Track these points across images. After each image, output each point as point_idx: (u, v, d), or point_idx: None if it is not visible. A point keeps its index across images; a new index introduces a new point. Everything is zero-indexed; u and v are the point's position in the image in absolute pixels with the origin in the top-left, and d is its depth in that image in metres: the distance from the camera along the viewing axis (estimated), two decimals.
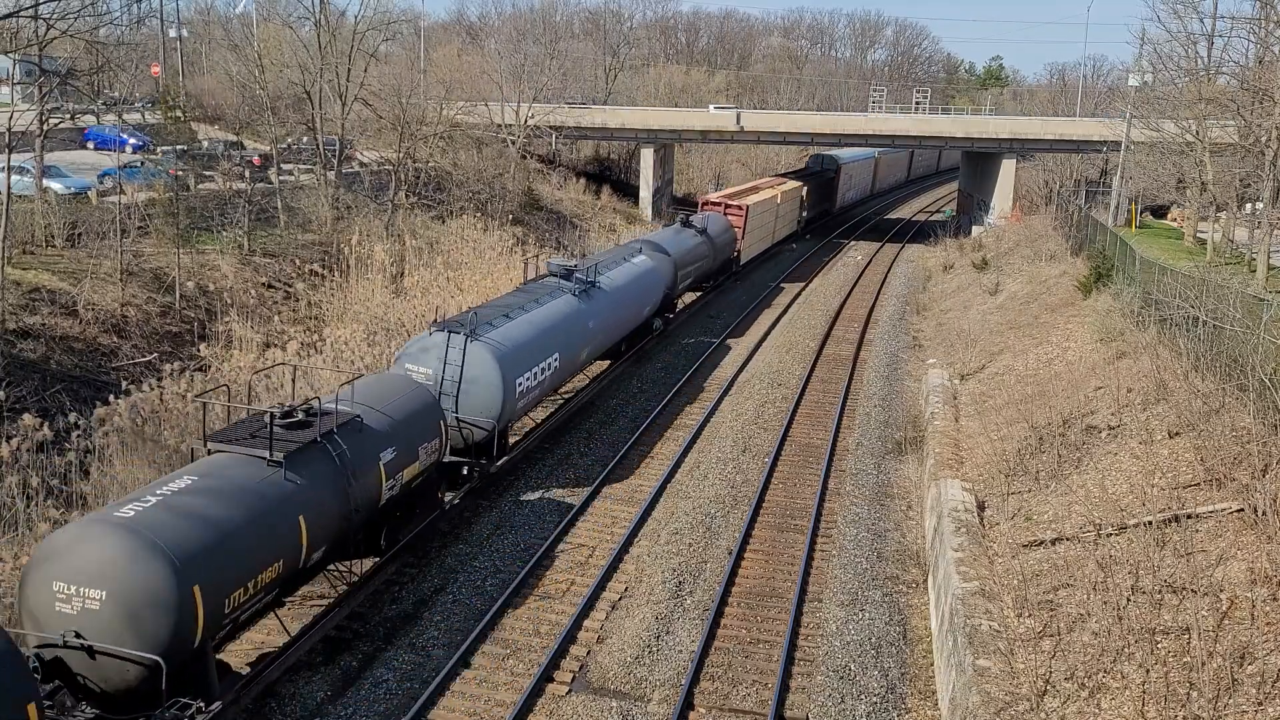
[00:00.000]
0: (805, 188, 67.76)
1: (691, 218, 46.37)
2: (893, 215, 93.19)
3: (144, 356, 27.04)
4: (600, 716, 15.88)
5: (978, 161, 72.40)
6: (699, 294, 47.43)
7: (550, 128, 65.40)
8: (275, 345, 29.53)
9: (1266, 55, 36.74)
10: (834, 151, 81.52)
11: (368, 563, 19.20)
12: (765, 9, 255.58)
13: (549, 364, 25.70)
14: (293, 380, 21.94)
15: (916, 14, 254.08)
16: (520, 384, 23.87)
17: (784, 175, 75.04)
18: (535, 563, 20.55)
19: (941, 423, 26.78)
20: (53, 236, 31.06)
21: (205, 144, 47.46)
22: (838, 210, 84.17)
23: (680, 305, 44.40)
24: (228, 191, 39.07)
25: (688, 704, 16.24)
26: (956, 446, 24.82)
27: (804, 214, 68.83)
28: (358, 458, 17.16)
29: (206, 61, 77.31)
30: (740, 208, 51.84)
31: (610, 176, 78.10)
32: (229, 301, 31.47)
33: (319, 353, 29.30)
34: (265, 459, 15.59)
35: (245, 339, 29.59)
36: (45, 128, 33.95)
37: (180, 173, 39.23)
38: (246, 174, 39.31)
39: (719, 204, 52.19)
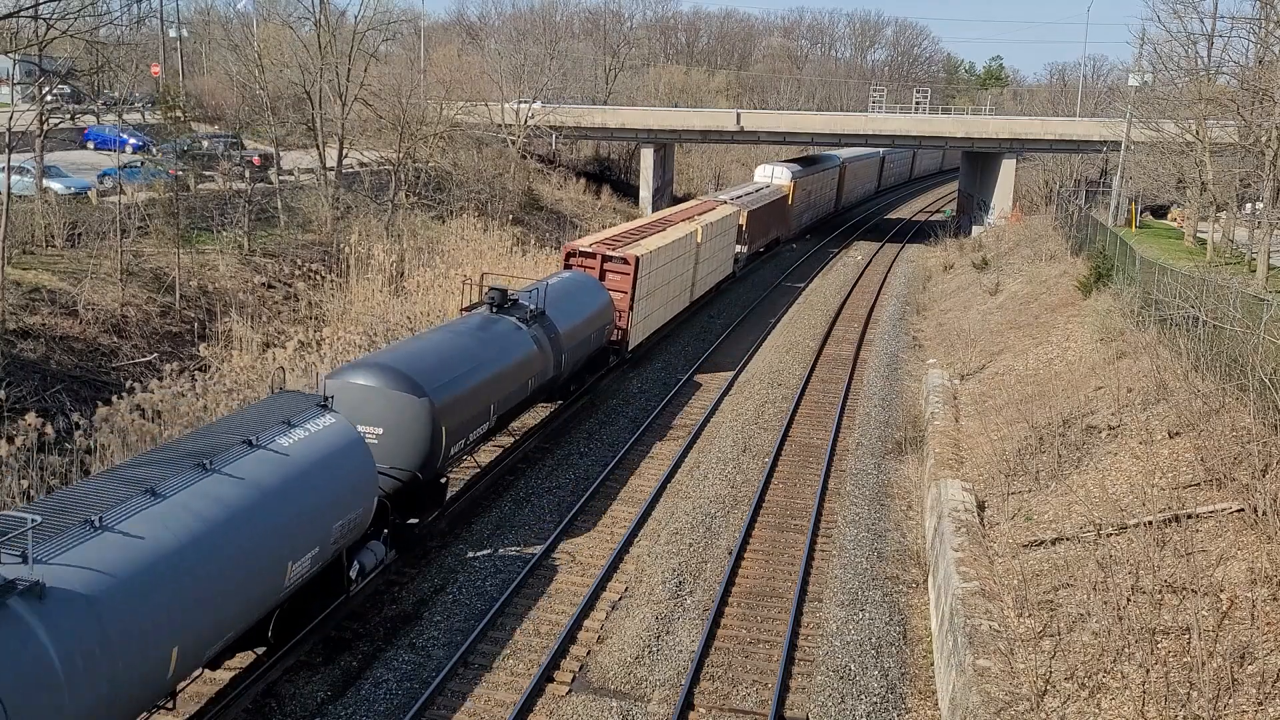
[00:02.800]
0: (746, 212, 51.30)
1: (536, 287, 27.58)
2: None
3: (144, 356, 27.04)
4: (600, 716, 15.88)
5: (978, 161, 72.39)
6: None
7: (550, 128, 65.38)
8: (275, 345, 29.51)
9: (1266, 55, 36.76)
10: (831, 151, 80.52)
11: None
12: (765, 9, 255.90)
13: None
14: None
15: (916, 14, 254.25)
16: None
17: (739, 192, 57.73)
18: (535, 562, 20.55)
19: (941, 423, 26.78)
20: (53, 236, 31.06)
21: (205, 144, 47.44)
22: (836, 212, 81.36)
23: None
24: (228, 191, 39.07)
25: (688, 704, 16.24)
26: (956, 446, 24.82)
27: (748, 244, 52.28)
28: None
29: (206, 61, 77.33)
30: (626, 261, 33.04)
31: (610, 176, 78.08)
32: (229, 301, 31.46)
33: (318, 352, 29.29)
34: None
35: (245, 339, 29.58)
36: (45, 128, 33.97)
37: (180, 173, 39.23)
38: (246, 174, 39.31)
39: (592, 255, 33.34)
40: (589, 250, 33.38)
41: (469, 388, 20.92)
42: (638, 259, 32.98)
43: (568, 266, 33.06)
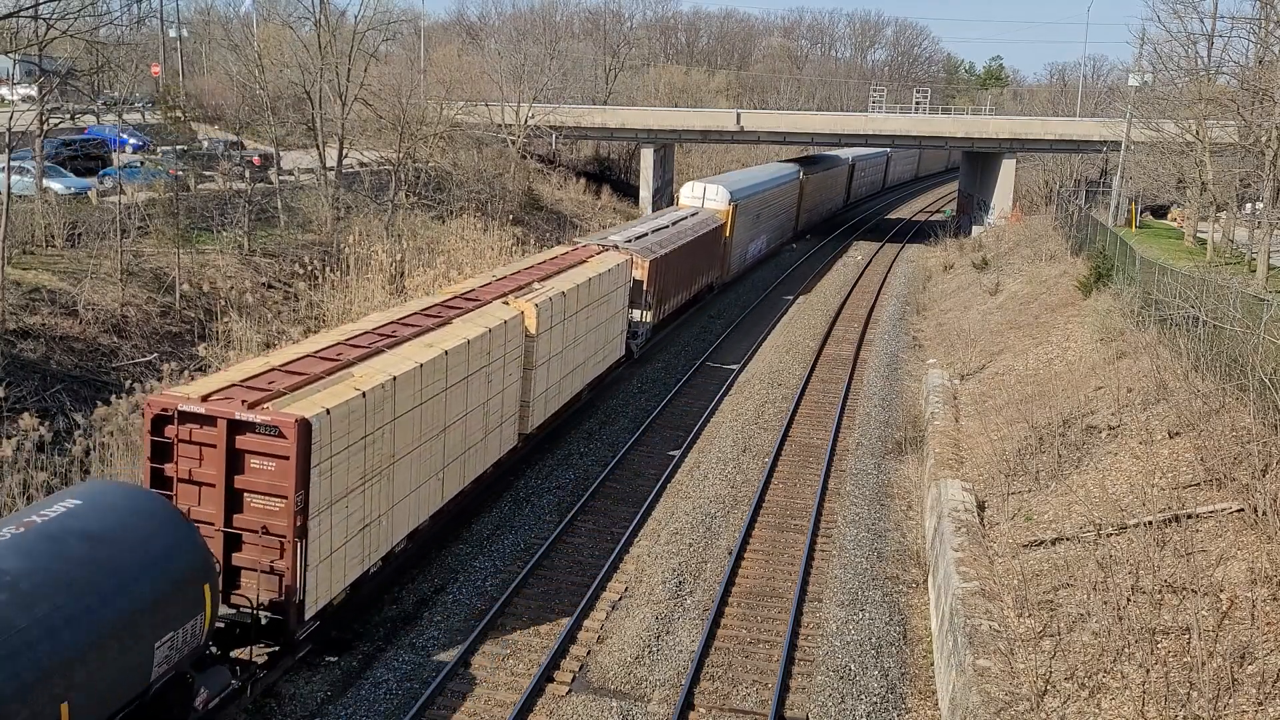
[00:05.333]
0: (648, 261, 34.37)
1: None
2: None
3: (144, 356, 27.04)
4: (600, 716, 15.88)
5: (978, 161, 72.37)
6: None
7: (550, 128, 65.36)
8: (275, 345, 29.51)
9: (1266, 55, 36.76)
10: (785, 166, 67.55)
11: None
12: (765, 9, 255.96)
13: None
14: None
15: (916, 14, 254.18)
16: None
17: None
18: (535, 563, 20.55)
19: (941, 423, 26.78)
20: (53, 236, 31.06)
21: (205, 144, 47.46)
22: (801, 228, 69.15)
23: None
24: (228, 191, 39.07)
25: (688, 704, 16.23)
26: (956, 446, 24.82)
27: (654, 307, 35.79)
28: None
29: (206, 61, 77.32)
30: (280, 431, 15.05)
31: (610, 176, 78.06)
32: (229, 302, 31.46)
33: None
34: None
35: (245, 339, 29.59)
36: (45, 128, 33.98)
37: (180, 173, 39.24)
38: (246, 174, 39.32)
39: (207, 420, 15.27)
40: (196, 411, 15.25)
41: None
42: (306, 425, 15.07)
43: (157, 438, 15.34)
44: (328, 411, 15.59)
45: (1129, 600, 14.70)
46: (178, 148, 43.25)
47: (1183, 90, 41.87)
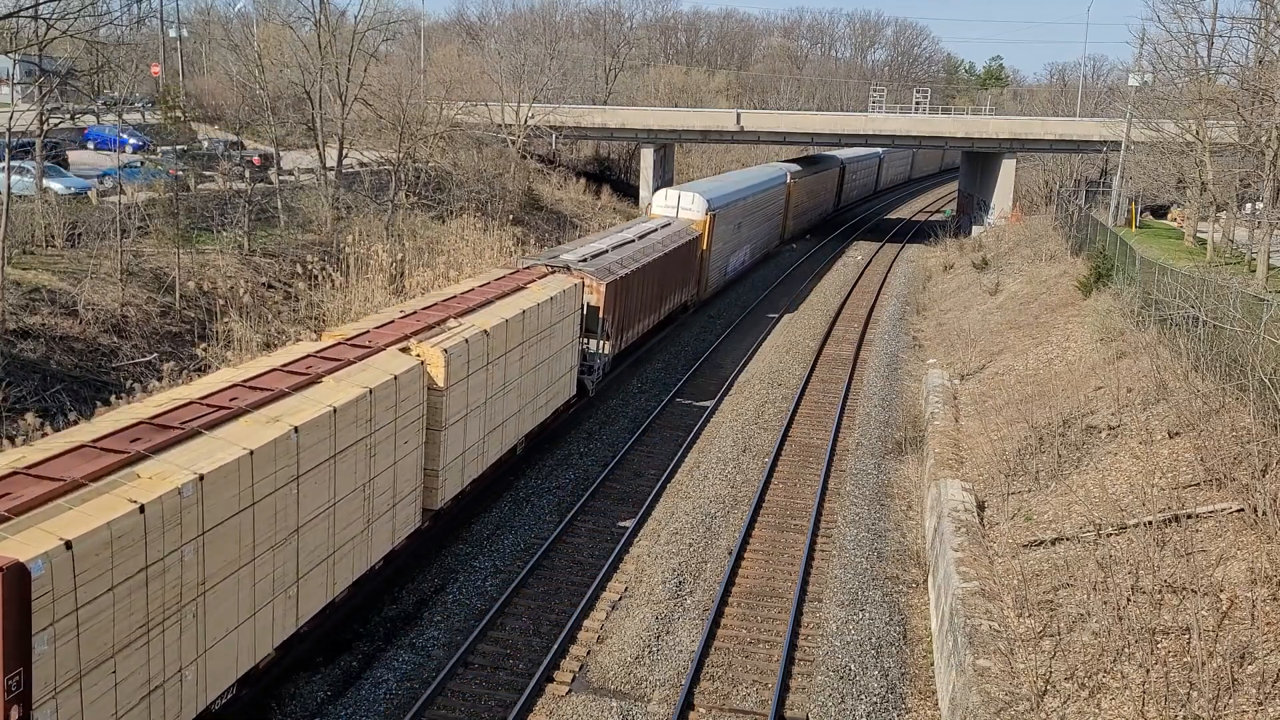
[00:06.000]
0: (604, 285, 29.98)
1: None
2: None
3: (144, 356, 27.04)
4: (600, 716, 15.88)
5: (978, 161, 72.41)
6: None
7: (550, 128, 65.37)
8: (275, 345, 29.52)
9: (1266, 55, 36.77)
10: (771, 170, 64.24)
11: None
12: (765, 9, 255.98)
13: None
14: None
15: (916, 14, 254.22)
16: None
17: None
18: (535, 562, 20.55)
19: (941, 423, 26.78)
20: (53, 236, 31.06)
21: (205, 144, 47.48)
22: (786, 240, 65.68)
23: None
24: (228, 191, 39.07)
25: (688, 704, 16.24)
26: (956, 446, 24.82)
27: (614, 335, 31.34)
28: None
29: (206, 61, 77.34)
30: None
31: (610, 176, 78.07)
32: (229, 302, 31.46)
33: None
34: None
35: (245, 339, 29.60)
36: (45, 128, 33.98)
37: (180, 173, 39.24)
38: (246, 174, 39.32)
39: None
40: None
41: None
42: (18, 573, 10.42)
43: None
44: (68, 545, 10.85)
45: (1129, 600, 14.70)
46: (178, 148, 43.26)
47: (1183, 90, 41.88)
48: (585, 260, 30.88)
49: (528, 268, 28.84)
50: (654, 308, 36.44)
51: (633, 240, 36.04)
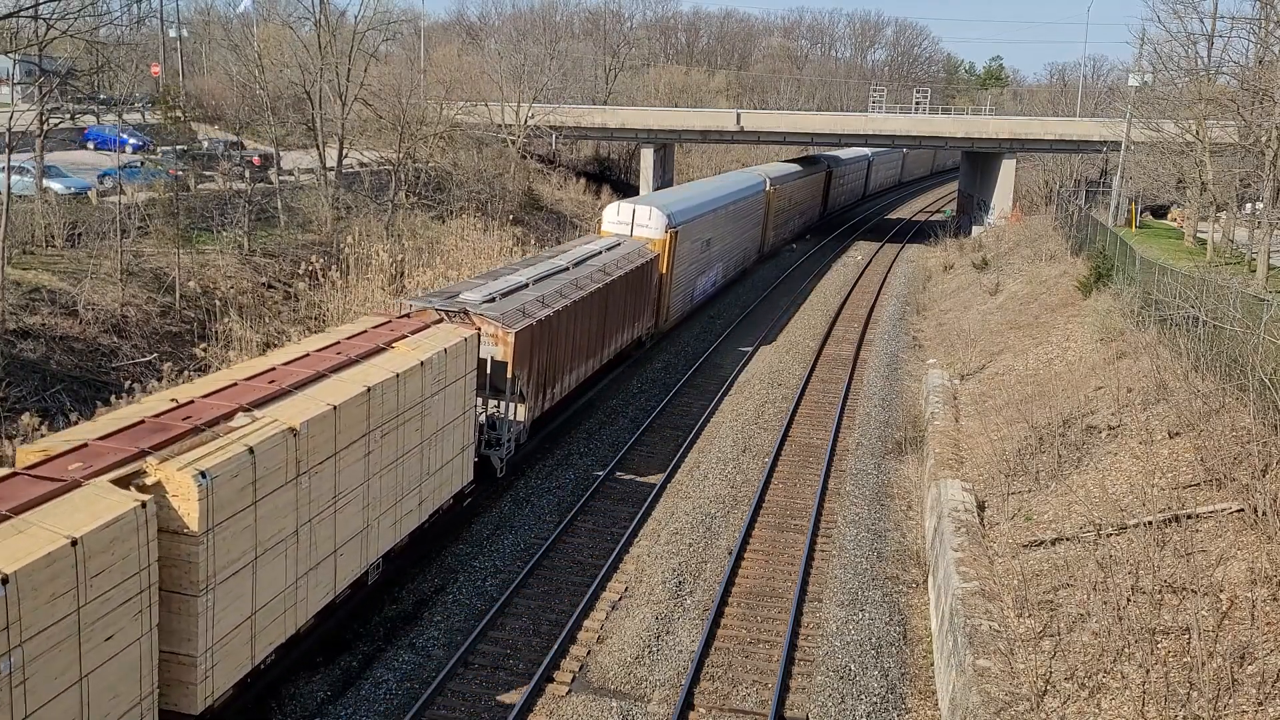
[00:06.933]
0: (514, 334, 23.77)
1: None
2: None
3: (144, 356, 27.04)
4: (600, 716, 15.88)
5: (978, 161, 72.40)
6: None
7: (550, 128, 65.38)
8: (275, 345, 29.52)
9: (1266, 55, 36.78)
10: (754, 173, 58.99)
11: None
12: (765, 9, 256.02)
13: None
14: None
15: (916, 14, 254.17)
16: None
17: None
18: (535, 563, 20.55)
19: (941, 423, 26.78)
20: (53, 236, 31.07)
21: (205, 144, 47.48)
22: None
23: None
24: (228, 191, 39.08)
25: (688, 704, 16.24)
26: (956, 446, 24.82)
27: (535, 397, 25.61)
28: None
29: (206, 61, 77.31)
30: None
31: (610, 176, 78.07)
32: (229, 302, 31.47)
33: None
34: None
35: (245, 339, 29.60)
36: (45, 128, 33.98)
37: (180, 173, 39.24)
38: (246, 174, 39.33)
39: None
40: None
41: None
42: None
43: None
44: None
45: (1129, 600, 14.70)
46: (178, 148, 43.26)
47: (1183, 90, 41.89)
48: (492, 300, 24.84)
49: (406, 315, 22.41)
50: (593, 350, 30.05)
51: (565, 269, 29.68)
